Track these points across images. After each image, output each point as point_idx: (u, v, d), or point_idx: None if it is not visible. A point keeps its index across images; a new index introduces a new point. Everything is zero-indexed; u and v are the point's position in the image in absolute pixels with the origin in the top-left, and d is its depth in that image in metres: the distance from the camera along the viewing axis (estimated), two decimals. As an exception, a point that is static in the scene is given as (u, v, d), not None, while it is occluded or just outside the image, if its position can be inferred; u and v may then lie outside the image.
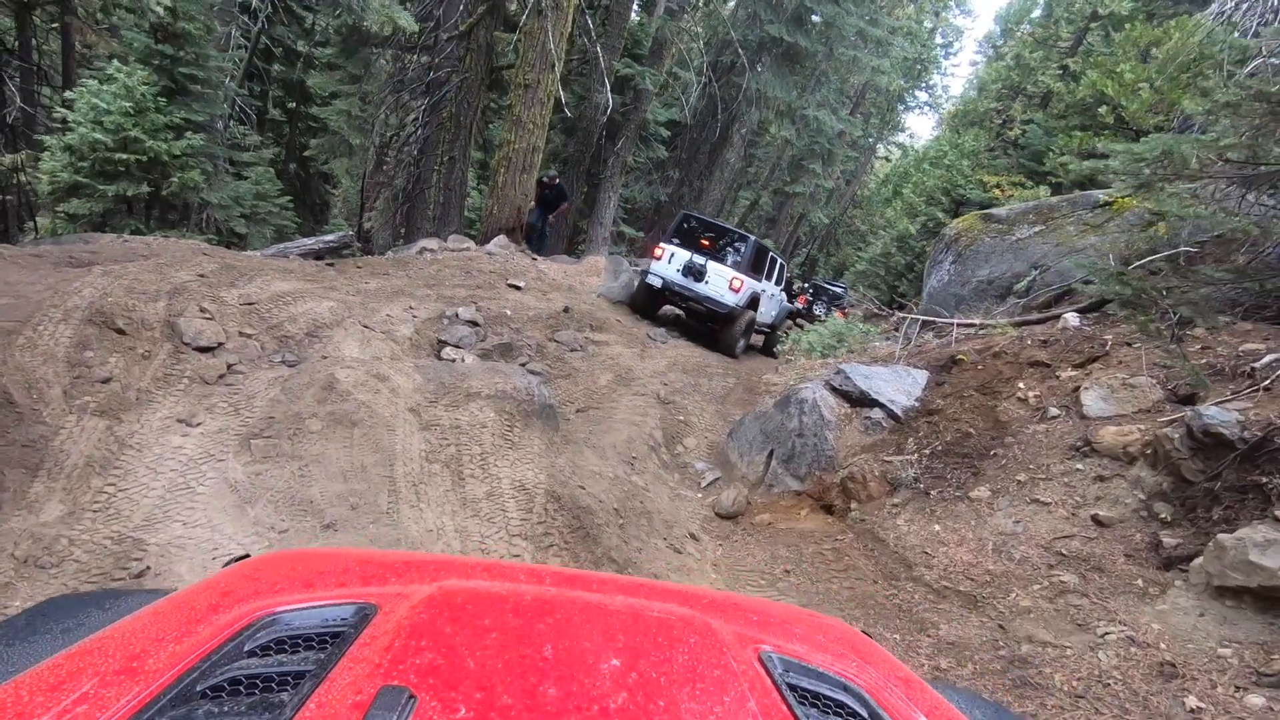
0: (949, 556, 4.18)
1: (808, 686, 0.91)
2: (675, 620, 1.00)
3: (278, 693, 0.72)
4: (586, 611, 0.97)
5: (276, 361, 4.86)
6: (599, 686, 0.76)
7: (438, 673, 0.73)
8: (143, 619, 0.91)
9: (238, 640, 0.82)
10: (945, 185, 17.12)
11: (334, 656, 0.77)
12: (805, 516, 5.04)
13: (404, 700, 0.65)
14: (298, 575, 1.08)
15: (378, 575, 1.10)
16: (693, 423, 6.71)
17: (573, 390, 6.91)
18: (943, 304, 9.33)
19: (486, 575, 1.17)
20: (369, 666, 0.74)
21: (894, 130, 41.61)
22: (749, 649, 0.98)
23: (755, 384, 8.81)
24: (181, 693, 0.71)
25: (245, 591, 0.99)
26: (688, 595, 1.27)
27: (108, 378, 3.98)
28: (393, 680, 0.70)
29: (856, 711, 0.89)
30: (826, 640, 1.17)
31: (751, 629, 1.12)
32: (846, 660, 1.09)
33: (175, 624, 0.89)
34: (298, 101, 20.60)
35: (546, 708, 0.70)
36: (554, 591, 1.08)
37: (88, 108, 11.45)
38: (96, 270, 4.84)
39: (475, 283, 8.91)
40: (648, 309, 10.37)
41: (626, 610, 1.02)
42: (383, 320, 6.24)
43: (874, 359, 7.06)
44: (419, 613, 0.88)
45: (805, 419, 5.38)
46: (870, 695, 0.94)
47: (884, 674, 1.08)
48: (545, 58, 10.70)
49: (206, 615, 0.91)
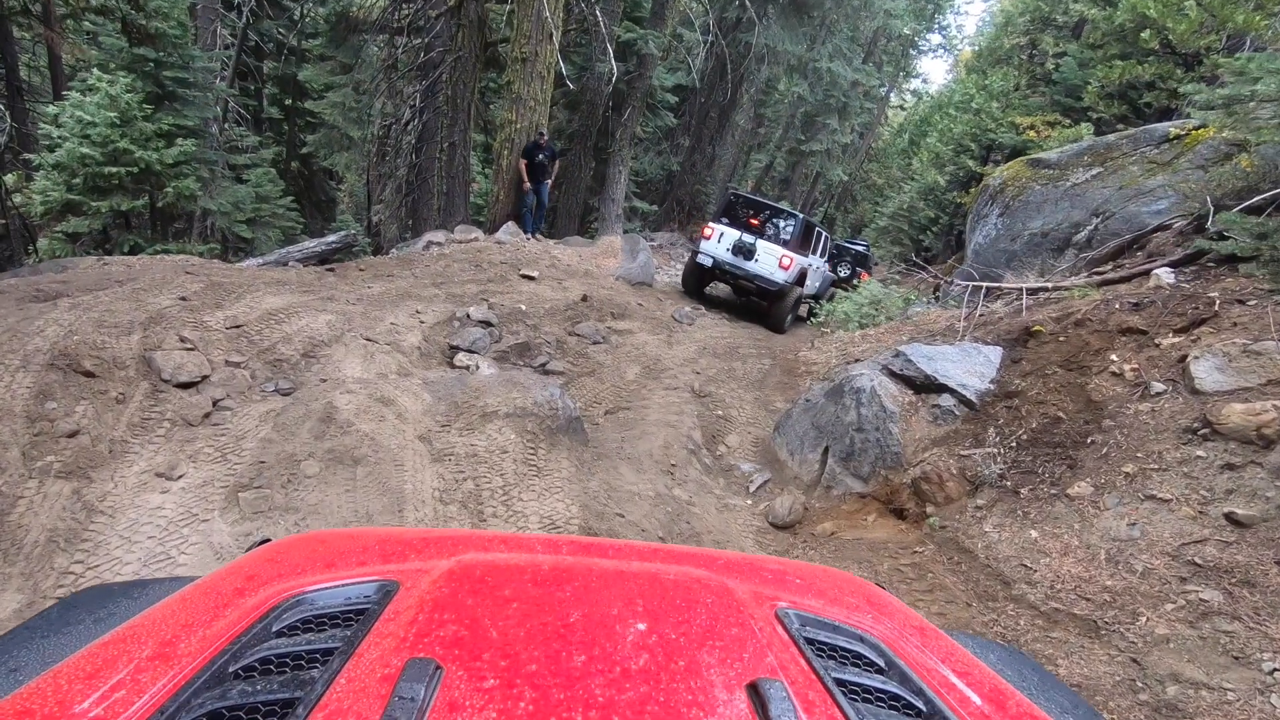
0: (1054, 570, 3.58)
1: (825, 639, 0.92)
2: (692, 582, 1.02)
3: (308, 670, 0.73)
4: (604, 578, 0.98)
5: (269, 391, 4.35)
6: (620, 650, 0.78)
7: (462, 644, 0.75)
8: (172, 606, 0.93)
9: (265, 621, 0.84)
10: (974, 131, 16.05)
11: (360, 633, 0.79)
12: (874, 523, 4.45)
13: (431, 671, 0.67)
14: (319, 556, 1.10)
15: (397, 553, 1.12)
16: (733, 416, 6.12)
17: (599, 389, 6.36)
18: (991, 262, 8.58)
19: (504, 547, 1.19)
20: (395, 641, 0.75)
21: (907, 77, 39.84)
22: (766, 606, 0.99)
23: (793, 364, 8.18)
24: (215, 674, 0.72)
25: (269, 574, 1.01)
26: (703, 557, 1.28)
27: (74, 430, 3.49)
28: (418, 653, 0.71)
29: (873, 661, 0.90)
30: (842, 594, 1.19)
31: (768, 587, 1.13)
32: (862, 612, 1.10)
33: (204, 609, 0.91)
34: (293, 98, 20.03)
35: (570, 672, 0.72)
36: (571, 560, 1.10)
37: (73, 121, 10.99)
38: (64, 304, 4.34)
39: (486, 276, 8.34)
40: (697, 287, 10.77)
41: (644, 574, 1.03)
42: (387, 330, 5.70)
43: (928, 332, 6.39)
44: (440, 587, 0.90)
45: (864, 411, 4.76)
46: (886, 645, 0.95)
47: (899, 624, 1.10)
48: (542, 27, 9.96)
49: (233, 599, 0.93)
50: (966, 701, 0.88)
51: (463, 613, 0.82)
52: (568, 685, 0.70)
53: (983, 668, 1.03)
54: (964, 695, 0.89)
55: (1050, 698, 1.30)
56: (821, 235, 11.48)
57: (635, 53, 14.27)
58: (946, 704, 0.83)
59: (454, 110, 11.26)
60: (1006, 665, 1.36)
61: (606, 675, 0.72)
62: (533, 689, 0.69)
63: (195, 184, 12.32)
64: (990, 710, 0.88)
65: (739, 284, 10.17)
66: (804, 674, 0.80)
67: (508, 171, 10.92)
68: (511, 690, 0.68)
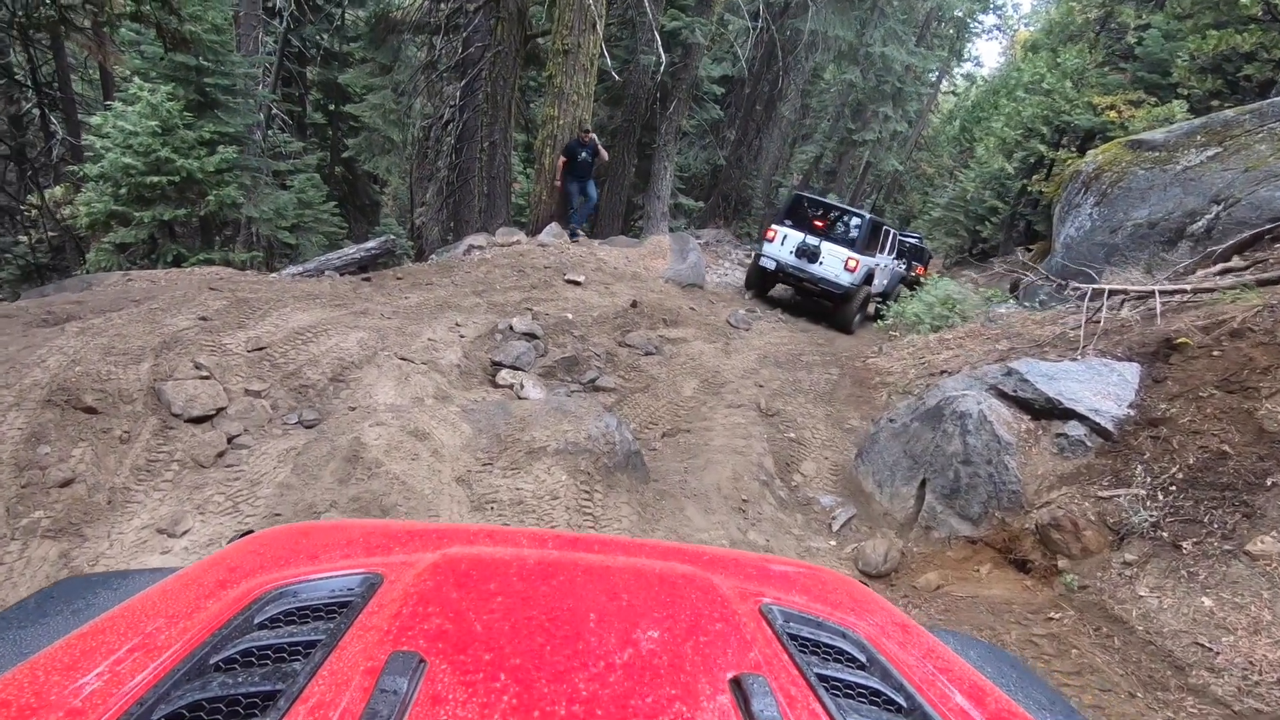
0: (1244, 653, 2.84)
1: (808, 635, 0.92)
2: (677, 577, 1.02)
3: (290, 662, 0.72)
4: (589, 572, 0.98)
5: (291, 423, 3.88)
6: (604, 644, 0.77)
7: (446, 637, 0.74)
8: (152, 597, 0.92)
9: (247, 613, 0.83)
10: (1045, 113, 14.86)
11: (343, 626, 0.78)
12: (989, 576, 3.75)
13: (415, 664, 0.67)
14: (302, 548, 1.09)
15: (381, 545, 1.11)
16: (806, 439, 5.45)
17: (654, 407, 5.76)
18: (1086, 257, 7.68)
19: (489, 541, 1.18)
20: (378, 634, 0.74)
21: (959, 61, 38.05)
22: (750, 602, 0.99)
23: (863, 373, 7.44)
24: (195, 666, 0.72)
25: (252, 566, 1.00)
26: (688, 553, 1.27)
27: (68, 479, 3.05)
28: (402, 646, 0.70)
29: (855, 657, 0.91)
30: (825, 591, 1.20)
31: (752, 583, 1.14)
32: (845, 609, 1.11)
33: (185, 600, 0.90)
34: (335, 102, 19.98)
35: (554, 666, 0.72)
36: (556, 554, 1.10)
37: (116, 131, 10.90)
38: (71, 328, 3.95)
39: (529, 283, 7.83)
40: (760, 290, 10.68)
41: (629, 569, 1.03)
42: (424, 346, 5.21)
43: (1030, 341, 5.59)
44: (424, 580, 0.89)
45: (971, 440, 4.05)
46: (868, 641, 0.96)
47: (881, 620, 1.11)
48: (585, 17, 9.39)
49: (215, 591, 0.92)
50: (946, 698, 0.88)
51: (447, 606, 0.82)
52: (551, 679, 0.70)
53: (963, 664, 1.04)
54: (944, 691, 0.90)
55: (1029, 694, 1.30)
56: (890, 233, 11.19)
57: (680, 42, 13.60)
58: (927, 700, 0.83)
59: (494, 108, 10.81)
60: (986, 662, 1.36)
61: (590, 669, 0.72)
62: (516, 682, 0.68)
63: (237, 191, 12.16)
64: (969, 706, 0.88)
65: (803, 286, 9.90)
66: (787, 669, 0.80)
67: (550, 170, 10.40)
68: (495, 684, 0.68)
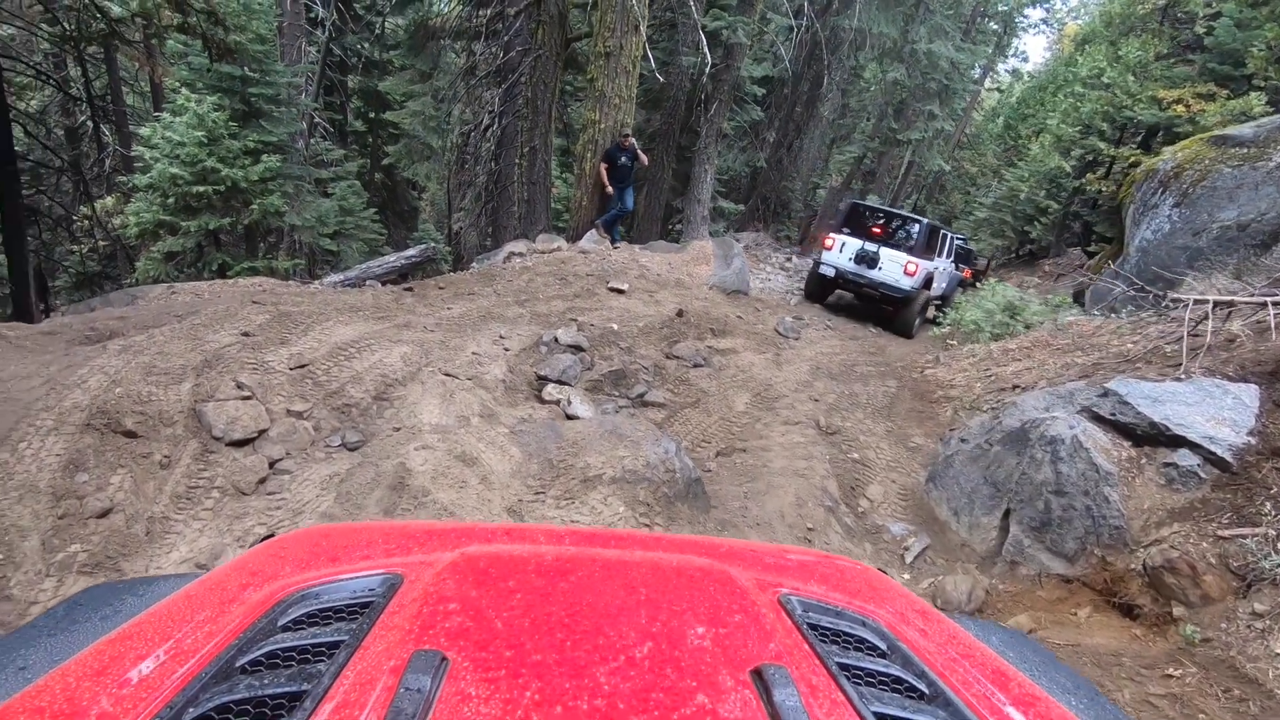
0: None
1: (828, 624, 0.92)
2: (695, 570, 1.02)
3: (314, 663, 0.73)
4: (607, 567, 0.98)
5: (334, 446, 3.70)
6: (624, 638, 0.77)
7: (467, 635, 0.75)
8: (178, 602, 0.93)
9: (271, 616, 0.84)
10: (1106, 108, 14.14)
11: (365, 626, 0.79)
12: (1089, 621, 3.38)
13: (437, 663, 0.67)
14: (323, 550, 1.10)
15: (400, 546, 1.12)
16: (870, 459, 5.11)
17: (706, 423, 5.49)
18: (1165, 261, 7.17)
19: (507, 539, 1.20)
20: (400, 633, 0.75)
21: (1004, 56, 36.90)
22: (769, 593, 0.99)
23: (922, 385, 7.05)
24: (222, 669, 0.72)
25: (274, 569, 1.01)
26: (705, 545, 1.27)
27: (106, 509, 2.90)
28: (424, 645, 0.71)
29: (876, 645, 0.90)
30: (844, 580, 1.19)
31: (770, 574, 1.13)
32: (864, 597, 1.10)
33: (210, 605, 0.90)
34: (376, 110, 20.16)
35: (575, 661, 0.72)
36: (574, 550, 1.09)
37: (164, 142, 11.05)
38: (114, 346, 3.84)
39: (572, 291, 7.62)
40: (819, 296, 11.01)
41: (647, 563, 1.04)
42: (468, 361, 5.02)
43: (1117, 356, 5.15)
44: (444, 579, 0.89)
45: (1065, 468, 3.68)
46: (888, 628, 0.96)
47: (901, 608, 1.10)
48: (627, 18, 9.17)
49: (239, 594, 0.93)
50: (969, 684, 0.87)
51: (467, 604, 0.82)
52: (573, 674, 0.70)
53: (985, 650, 1.02)
54: (966, 677, 0.89)
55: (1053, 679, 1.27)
56: (947, 237, 11.29)
57: (721, 43, 13.29)
58: (950, 686, 0.83)
59: (534, 113, 10.65)
60: (1009, 647, 1.34)
61: (611, 663, 0.72)
62: (538, 678, 0.68)
63: (280, 200, 12.26)
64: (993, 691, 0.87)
65: (863, 292, 10.09)
66: (808, 659, 0.80)
67: (590, 176, 10.21)
68: (517, 680, 0.68)
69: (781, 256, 18.11)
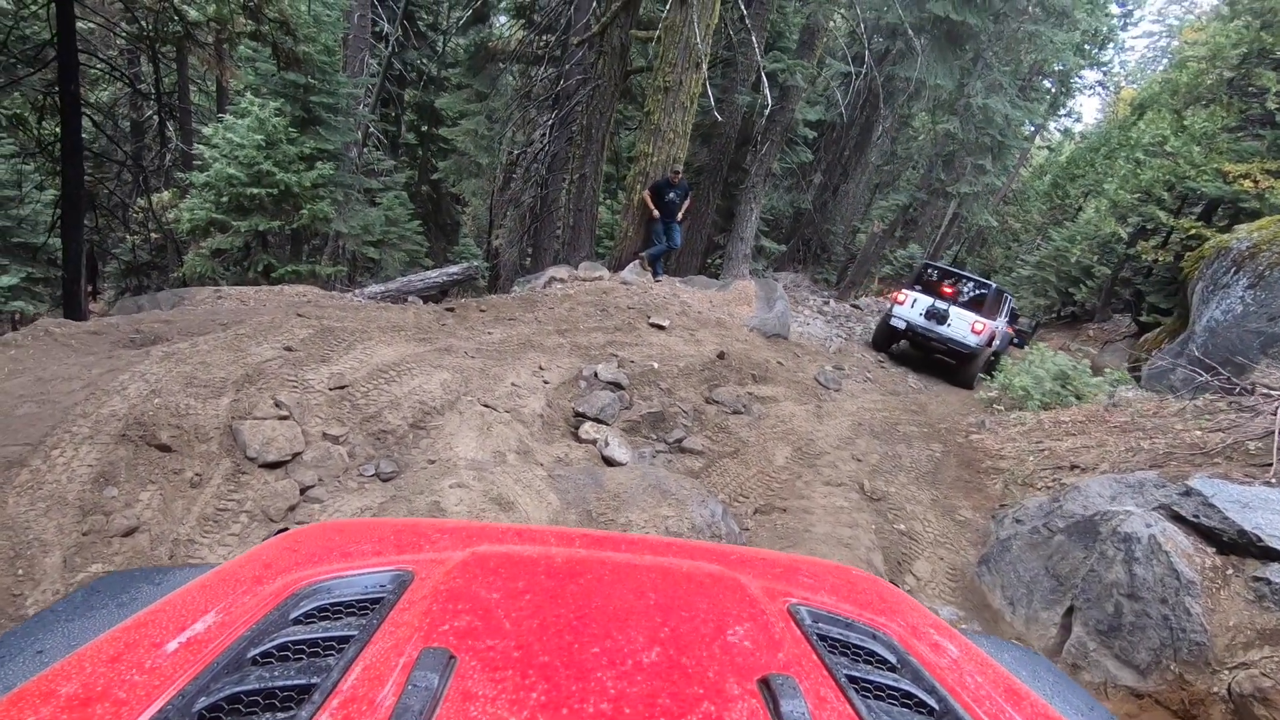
0: None
1: (837, 636, 0.91)
2: (705, 576, 1.01)
3: (324, 657, 0.73)
4: (617, 571, 0.98)
5: (368, 475, 3.57)
6: (632, 643, 0.77)
7: (476, 634, 0.75)
8: (192, 592, 0.93)
9: (283, 609, 0.84)
10: (1167, 177, 13.78)
11: (375, 622, 0.79)
12: (1163, 745, 3.08)
13: (445, 660, 0.67)
14: (335, 545, 1.10)
15: (412, 543, 1.12)
16: (917, 531, 4.85)
17: (744, 476, 5.27)
18: (1236, 346, 6.82)
19: (518, 540, 1.18)
20: (409, 630, 0.75)
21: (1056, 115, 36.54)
22: (779, 602, 0.99)
23: (970, 454, 6.75)
24: (234, 659, 0.72)
25: (287, 563, 1.01)
26: (716, 552, 1.26)
27: (132, 527, 2.79)
28: (433, 642, 0.71)
29: (885, 658, 0.89)
30: (855, 591, 1.18)
31: (780, 583, 1.12)
32: (875, 609, 1.09)
33: (224, 596, 0.91)
34: (429, 124, 20.53)
35: (582, 663, 0.71)
36: (584, 553, 1.09)
37: (224, 142, 11.28)
38: (156, 352, 3.78)
39: (613, 324, 7.50)
40: (884, 345, 11.73)
41: (656, 568, 1.02)
42: (507, 393, 4.89)
43: (1189, 446, 4.84)
44: (454, 577, 0.89)
45: (1140, 570, 3.40)
46: (899, 642, 0.95)
47: (912, 621, 1.08)
48: (689, 55, 9.17)
49: (252, 587, 0.93)
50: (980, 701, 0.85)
51: (476, 603, 0.81)
52: (580, 676, 0.69)
53: (997, 667, 1.01)
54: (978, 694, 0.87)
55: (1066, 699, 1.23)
56: (1007, 299, 11.97)
57: (779, 84, 13.29)
58: (960, 702, 0.81)
59: (587, 141, 10.67)
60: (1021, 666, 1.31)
61: (618, 667, 0.71)
62: (545, 679, 0.68)
63: (330, 206, 12.42)
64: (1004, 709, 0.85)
65: (929, 345, 10.81)
66: (816, 670, 0.79)
67: (638, 207, 10.16)
68: (524, 680, 0.68)
69: (819, 300, 17.87)
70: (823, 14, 12.93)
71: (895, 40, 17.82)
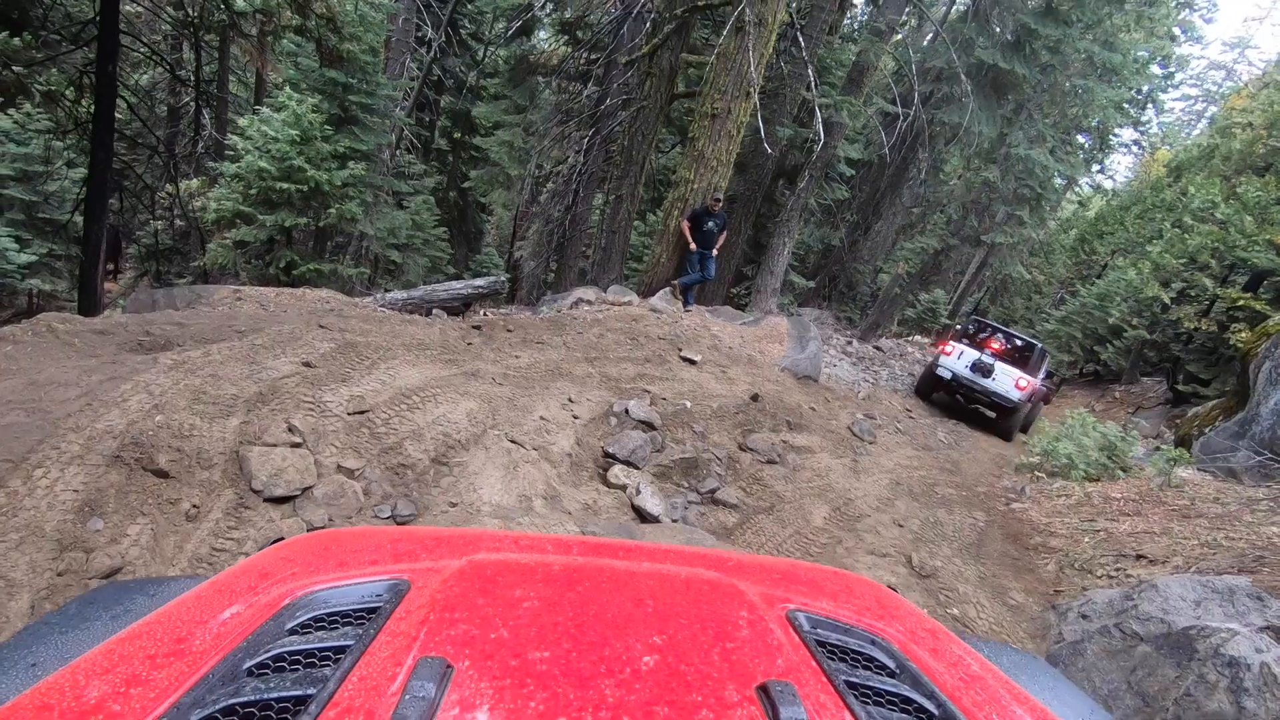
0: None
1: (836, 642, 0.91)
2: (703, 583, 1.00)
3: (320, 667, 0.72)
4: (615, 578, 0.96)
5: (384, 517, 3.21)
6: (630, 650, 0.76)
7: (473, 643, 0.74)
8: (187, 603, 0.91)
9: (278, 619, 0.83)
10: (1215, 245, 13.38)
11: (371, 631, 0.78)
12: None
13: (442, 670, 0.66)
14: (331, 555, 1.08)
15: (408, 552, 1.10)
16: (970, 619, 4.42)
17: (780, 537, 4.88)
18: (1306, 432, 6.38)
19: (515, 548, 1.18)
20: (406, 639, 0.74)
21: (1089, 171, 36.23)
22: (777, 608, 0.97)
23: (1014, 526, 6.31)
24: (229, 671, 0.71)
25: (282, 573, 0.99)
26: (714, 559, 1.25)
27: (115, 568, 2.44)
28: (429, 652, 0.70)
29: (885, 664, 0.89)
30: (853, 597, 1.17)
31: (778, 589, 1.11)
32: (874, 615, 1.08)
33: (219, 607, 0.89)
34: (462, 132, 20.45)
35: (580, 672, 0.70)
36: (582, 560, 1.08)
37: (258, 135, 11.12)
38: (165, 360, 3.45)
39: (644, 354, 7.15)
40: (926, 394, 11.88)
41: (654, 575, 1.01)
42: (535, 427, 4.54)
43: (1267, 543, 4.41)
44: (451, 586, 0.88)
45: (1250, 704, 2.99)
46: (898, 647, 0.94)
47: (911, 627, 1.08)
48: (740, 83, 8.92)
49: (247, 597, 0.91)
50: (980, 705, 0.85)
51: (474, 612, 0.80)
52: (577, 685, 0.68)
53: (996, 672, 1.00)
54: (977, 699, 0.86)
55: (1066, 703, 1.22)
56: (1045, 356, 12.10)
57: (823, 120, 13.04)
58: (960, 708, 0.81)
59: (627, 162, 10.42)
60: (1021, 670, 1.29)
61: (616, 675, 0.71)
62: (542, 688, 0.67)
63: (358, 207, 12.22)
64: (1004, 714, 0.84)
65: (973, 397, 11.03)
66: (815, 676, 0.78)
67: (674, 234, 9.86)
68: (522, 689, 0.67)
69: (843, 339, 17.48)
70: (874, 53, 12.68)
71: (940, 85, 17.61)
